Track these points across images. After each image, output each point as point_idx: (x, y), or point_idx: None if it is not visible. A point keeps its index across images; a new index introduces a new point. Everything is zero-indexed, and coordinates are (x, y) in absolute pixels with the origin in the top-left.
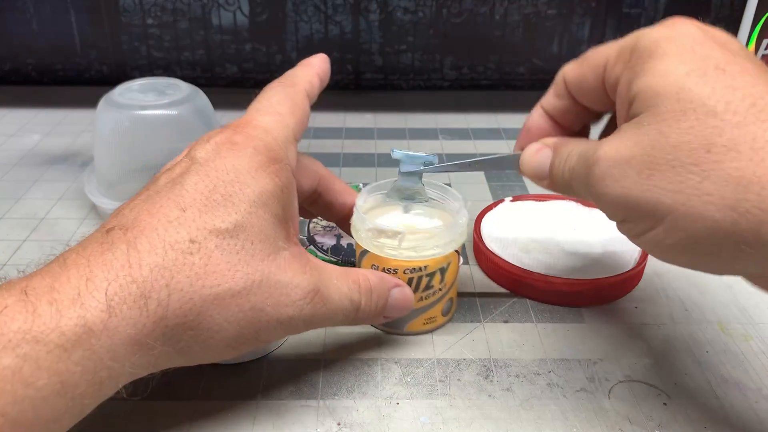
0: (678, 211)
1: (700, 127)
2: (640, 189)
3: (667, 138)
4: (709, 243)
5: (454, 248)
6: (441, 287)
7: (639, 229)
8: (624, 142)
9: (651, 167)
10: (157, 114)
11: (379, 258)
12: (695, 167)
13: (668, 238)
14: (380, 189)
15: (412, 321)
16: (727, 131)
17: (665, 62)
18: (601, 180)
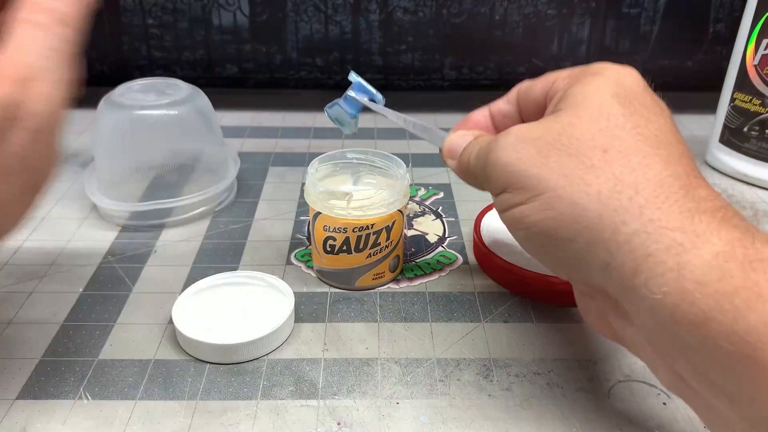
0: (556, 192)
1: (606, 132)
2: (533, 163)
3: (574, 129)
4: (570, 229)
5: (397, 208)
6: (387, 244)
7: (514, 201)
8: (537, 125)
9: (551, 150)
10: (158, 114)
11: (330, 218)
12: (588, 160)
13: (535, 214)
14: (331, 159)
15: (362, 277)
16: (626, 143)
17: (603, 80)
18: (502, 148)
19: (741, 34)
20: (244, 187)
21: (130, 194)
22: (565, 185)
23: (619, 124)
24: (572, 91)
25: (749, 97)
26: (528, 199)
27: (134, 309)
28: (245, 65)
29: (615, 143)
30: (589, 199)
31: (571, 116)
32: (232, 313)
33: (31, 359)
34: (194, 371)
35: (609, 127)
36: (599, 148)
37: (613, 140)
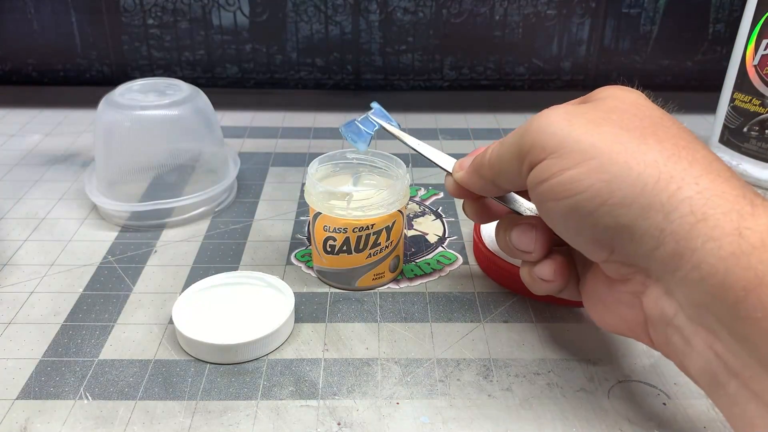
0: (611, 156)
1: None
2: (584, 130)
3: (622, 114)
4: (625, 193)
5: (397, 208)
6: (387, 244)
7: (561, 166)
8: (581, 106)
9: (603, 122)
10: (158, 114)
11: (330, 218)
12: (640, 135)
13: (589, 177)
14: (331, 159)
15: (362, 277)
16: (672, 130)
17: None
18: (548, 116)
19: (741, 34)
20: (244, 187)
21: (130, 194)
22: (621, 151)
23: (659, 116)
24: (601, 91)
25: (749, 97)
26: (579, 163)
27: (134, 309)
28: (245, 65)
29: (661, 128)
30: (646, 164)
31: (614, 102)
32: (232, 313)
33: (31, 359)
34: (194, 371)
35: (651, 117)
36: (648, 128)
37: (658, 126)
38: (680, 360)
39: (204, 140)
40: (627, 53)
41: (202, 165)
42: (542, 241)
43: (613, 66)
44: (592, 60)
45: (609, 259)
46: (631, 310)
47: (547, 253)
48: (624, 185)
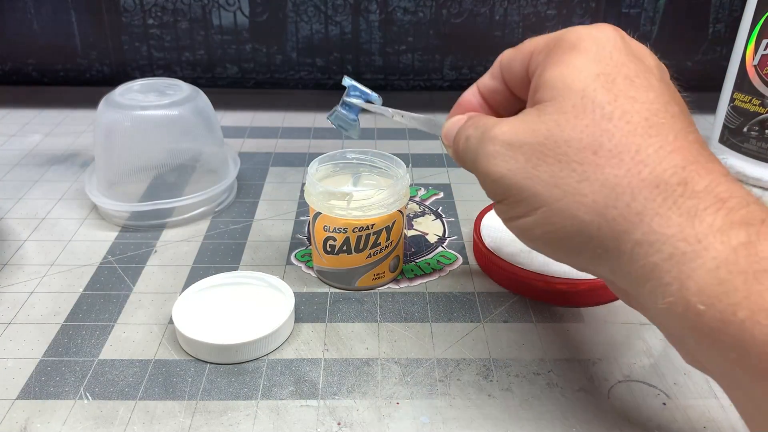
0: (552, 206)
1: (593, 128)
2: (524, 175)
3: (562, 131)
4: (574, 241)
5: (397, 208)
6: (387, 244)
7: (513, 213)
8: (522, 126)
9: (540, 157)
10: (158, 114)
11: (330, 218)
12: (579, 166)
13: (537, 228)
14: (331, 159)
15: (362, 277)
16: (616, 137)
17: (581, 58)
18: (491, 157)
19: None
20: (244, 187)
21: (130, 194)
22: (560, 197)
23: (606, 115)
24: (552, 75)
25: (749, 97)
26: (527, 213)
27: (134, 309)
28: (245, 65)
29: (604, 141)
30: (587, 211)
31: (555, 112)
32: (232, 313)
33: (31, 359)
34: (194, 371)
35: (595, 120)
36: (588, 149)
37: (601, 137)
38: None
39: (204, 140)
40: None
41: (202, 165)
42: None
43: None
44: None
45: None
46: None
47: None
48: (570, 235)
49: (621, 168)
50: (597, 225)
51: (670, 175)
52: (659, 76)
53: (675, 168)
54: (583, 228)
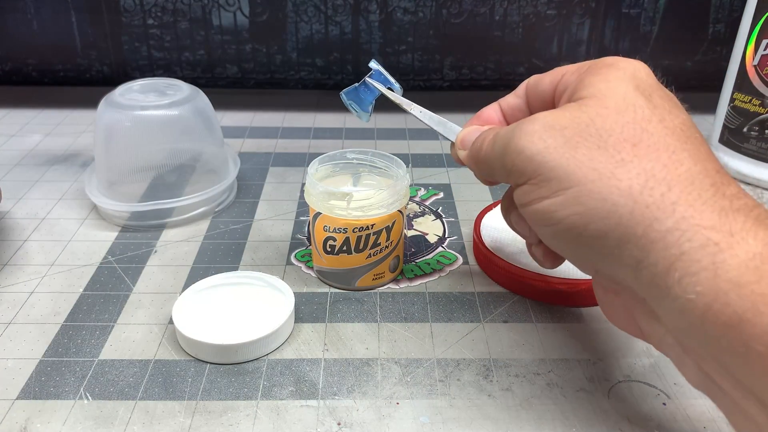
0: (585, 186)
1: (634, 125)
2: (561, 154)
3: (603, 120)
4: (601, 225)
5: (397, 208)
6: (387, 245)
7: (538, 194)
8: (563, 113)
9: (579, 140)
10: (158, 114)
11: (330, 218)
12: (618, 154)
13: (565, 209)
14: (331, 159)
15: (362, 277)
16: (655, 136)
17: (620, 73)
18: (527, 135)
19: (741, 35)
20: (244, 187)
21: (130, 194)
22: (595, 179)
23: (645, 117)
24: (592, 81)
25: (749, 97)
26: (555, 193)
27: (134, 309)
28: (245, 65)
29: (644, 137)
30: (621, 194)
31: (597, 106)
32: (232, 313)
33: (31, 359)
34: (194, 371)
35: (636, 119)
36: (629, 141)
37: (642, 133)
38: (679, 369)
39: (204, 140)
40: (627, 53)
41: (202, 165)
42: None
43: None
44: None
45: (596, 276)
46: (627, 319)
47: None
48: (598, 218)
49: (659, 162)
50: (630, 209)
51: (704, 177)
52: (685, 110)
53: (708, 171)
54: (615, 210)
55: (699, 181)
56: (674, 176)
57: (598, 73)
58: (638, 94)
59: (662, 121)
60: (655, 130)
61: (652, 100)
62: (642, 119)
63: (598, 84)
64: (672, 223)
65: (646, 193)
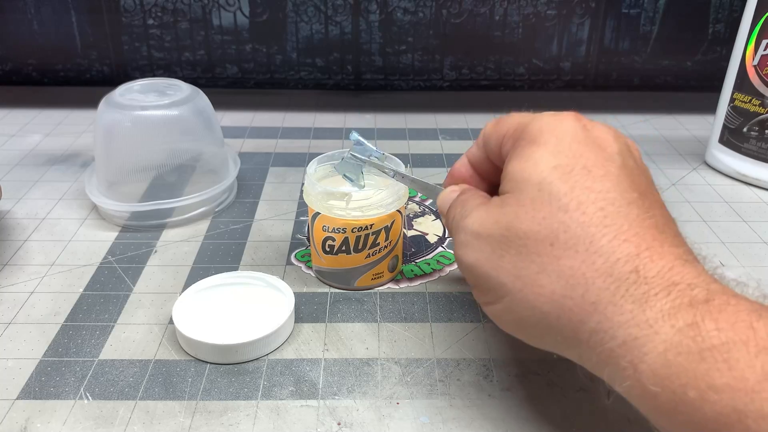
0: (514, 296)
1: (550, 220)
2: (490, 265)
3: (521, 224)
4: (537, 330)
5: (396, 208)
6: (386, 244)
7: (484, 299)
8: (488, 218)
9: (503, 248)
10: (158, 114)
11: (329, 218)
12: (537, 258)
13: (505, 315)
14: (330, 159)
15: (361, 277)
16: (571, 229)
17: (540, 152)
18: (462, 246)
19: (741, 35)
20: (244, 187)
21: (131, 194)
22: (521, 288)
23: (562, 207)
24: (514, 167)
25: (749, 97)
26: (495, 301)
27: (134, 309)
28: (245, 65)
29: (560, 233)
30: (545, 301)
31: (515, 205)
32: (232, 313)
33: (31, 359)
34: (194, 371)
35: (552, 212)
36: (546, 241)
37: (557, 229)
38: None
39: (204, 140)
40: (627, 53)
41: (202, 165)
42: None
43: (613, 66)
44: (592, 60)
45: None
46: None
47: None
48: (531, 325)
49: (576, 259)
50: (556, 315)
51: (623, 264)
52: (621, 162)
53: (628, 256)
54: (543, 318)
55: (617, 271)
56: (591, 272)
57: (520, 155)
58: (555, 177)
59: (579, 207)
60: (571, 221)
61: (571, 179)
62: (558, 210)
63: (518, 173)
64: (594, 324)
65: (567, 296)
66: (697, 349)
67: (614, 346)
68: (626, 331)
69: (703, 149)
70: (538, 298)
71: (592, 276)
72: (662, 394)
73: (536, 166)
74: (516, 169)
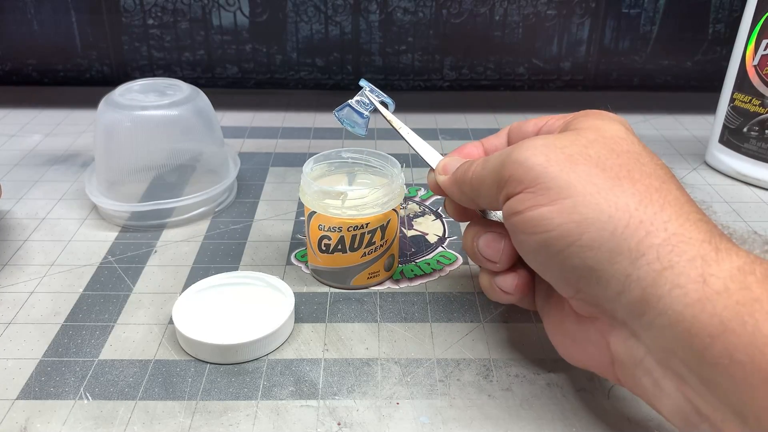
0: (584, 197)
1: (629, 156)
2: (561, 168)
3: (602, 147)
4: (593, 236)
5: (392, 207)
6: (382, 243)
7: (535, 201)
8: (562, 136)
9: (578, 159)
10: (158, 114)
11: (325, 217)
12: (615, 175)
13: (561, 216)
14: (327, 158)
15: (357, 275)
16: (648, 167)
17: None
18: (530, 148)
19: (741, 35)
20: (244, 187)
21: (131, 194)
22: (594, 192)
23: (637, 151)
24: (586, 119)
25: (749, 97)
26: (553, 201)
27: (134, 309)
28: (245, 65)
29: (637, 166)
30: (618, 208)
31: (594, 135)
32: (232, 313)
33: (31, 359)
34: (194, 371)
35: (630, 151)
36: (624, 167)
37: (635, 163)
38: (651, 400)
39: (204, 140)
40: (627, 53)
41: (202, 165)
42: (509, 254)
43: (613, 66)
44: (592, 60)
45: (575, 297)
46: (598, 348)
47: (511, 266)
48: (594, 228)
49: (651, 186)
50: (625, 222)
51: (691, 204)
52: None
53: (693, 202)
54: (610, 222)
55: (687, 206)
56: (666, 200)
57: (589, 115)
58: (629, 133)
59: (652, 159)
60: (648, 162)
61: (640, 142)
62: (635, 152)
63: (593, 121)
64: (663, 238)
65: (641, 209)
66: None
67: (681, 261)
68: (697, 249)
69: (703, 149)
70: (611, 205)
71: (666, 202)
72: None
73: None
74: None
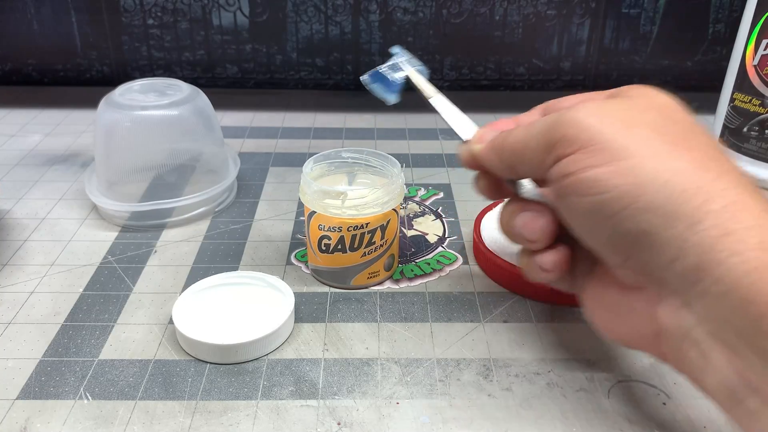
0: (641, 160)
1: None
2: (617, 129)
3: (656, 114)
4: (650, 198)
5: (392, 207)
6: (382, 243)
7: (590, 162)
8: (613, 102)
9: (634, 123)
10: (158, 114)
11: (325, 217)
12: (672, 141)
13: (617, 178)
14: (326, 158)
15: (357, 275)
16: (701, 138)
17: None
18: (584, 110)
19: (741, 35)
20: (244, 187)
21: (130, 194)
22: (651, 155)
23: (690, 121)
24: (632, 89)
25: (749, 97)
26: (608, 162)
27: (134, 309)
28: (245, 65)
29: (691, 135)
30: (675, 172)
31: (647, 102)
32: (232, 313)
33: (31, 359)
34: (194, 371)
35: (684, 120)
36: (679, 135)
37: (690, 132)
38: (695, 375)
39: (204, 140)
40: (627, 53)
41: (202, 165)
42: (549, 231)
43: (613, 66)
44: (592, 60)
45: (623, 265)
46: (644, 320)
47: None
48: (651, 191)
49: (707, 155)
50: (683, 186)
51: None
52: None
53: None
54: (668, 185)
55: (742, 176)
56: (722, 169)
57: (637, 87)
58: (679, 105)
59: (703, 130)
60: (700, 133)
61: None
62: (689, 121)
63: (644, 90)
64: (721, 205)
65: (698, 175)
66: None
67: (739, 228)
68: (754, 217)
69: None
70: (669, 169)
71: (723, 171)
72: None
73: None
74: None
